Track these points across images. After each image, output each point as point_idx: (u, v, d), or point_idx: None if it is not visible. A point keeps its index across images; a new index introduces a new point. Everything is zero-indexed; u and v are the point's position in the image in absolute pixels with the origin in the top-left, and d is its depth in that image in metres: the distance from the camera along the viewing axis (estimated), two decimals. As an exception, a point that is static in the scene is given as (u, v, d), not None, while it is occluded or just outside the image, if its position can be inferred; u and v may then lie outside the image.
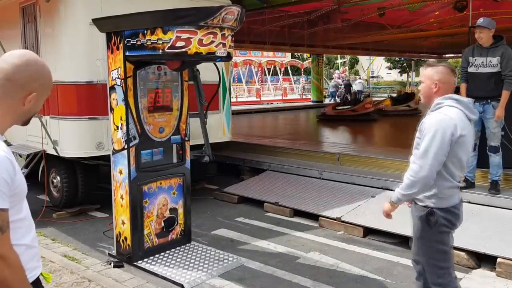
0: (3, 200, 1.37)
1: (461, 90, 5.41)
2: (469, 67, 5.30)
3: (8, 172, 1.39)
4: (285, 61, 33.37)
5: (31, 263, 1.56)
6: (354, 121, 14.40)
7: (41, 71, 1.52)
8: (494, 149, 5.17)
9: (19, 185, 1.47)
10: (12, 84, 1.47)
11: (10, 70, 1.47)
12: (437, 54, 30.35)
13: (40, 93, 1.53)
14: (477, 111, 5.22)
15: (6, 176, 1.39)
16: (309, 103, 25.14)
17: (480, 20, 5.16)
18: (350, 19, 16.60)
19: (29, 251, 1.55)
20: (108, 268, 4.20)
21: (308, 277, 4.09)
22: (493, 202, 5.14)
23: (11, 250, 1.40)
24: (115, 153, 4.33)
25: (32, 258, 1.57)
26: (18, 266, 1.42)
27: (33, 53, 1.56)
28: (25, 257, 1.50)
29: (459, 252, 4.32)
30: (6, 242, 1.38)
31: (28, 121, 1.61)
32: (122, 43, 4.00)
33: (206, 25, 3.71)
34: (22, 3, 6.31)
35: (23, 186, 1.51)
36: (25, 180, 1.54)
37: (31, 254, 1.56)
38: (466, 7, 12.16)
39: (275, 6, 10.86)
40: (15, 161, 1.46)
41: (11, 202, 1.42)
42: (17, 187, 1.45)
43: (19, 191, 1.47)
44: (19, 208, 1.51)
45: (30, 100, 1.51)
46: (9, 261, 1.38)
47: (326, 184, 6.57)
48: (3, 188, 1.37)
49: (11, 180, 1.41)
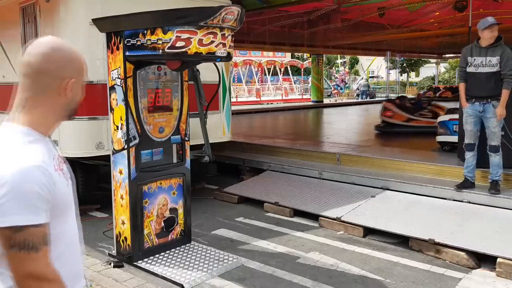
0: (35, 215, 1.22)
1: (460, 90, 5.44)
2: (468, 67, 5.29)
3: (41, 183, 1.24)
4: (285, 61, 33.36)
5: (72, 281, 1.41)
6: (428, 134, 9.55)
7: (70, 55, 1.39)
8: (494, 148, 5.17)
9: (60, 196, 1.32)
10: (46, 76, 1.33)
11: (39, 62, 1.32)
12: (437, 54, 30.35)
13: (77, 78, 1.40)
14: (477, 110, 5.25)
15: (39, 188, 1.23)
16: (309, 103, 25.16)
17: (489, 19, 5.13)
18: (350, 19, 16.60)
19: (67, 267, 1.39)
20: (108, 268, 4.20)
21: (308, 277, 4.09)
22: (493, 202, 5.14)
23: (49, 268, 1.26)
24: (115, 153, 4.33)
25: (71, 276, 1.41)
26: (58, 283, 1.28)
27: (55, 37, 1.41)
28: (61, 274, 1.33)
29: (459, 252, 4.33)
30: (40, 260, 1.23)
31: (74, 113, 1.46)
32: (122, 43, 4.00)
33: (206, 25, 3.71)
34: (22, 3, 6.30)
35: (66, 197, 1.37)
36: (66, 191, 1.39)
37: (69, 271, 1.40)
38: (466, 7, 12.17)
39: (275, 6, 10.85)
40: (52, 170, 1.30)
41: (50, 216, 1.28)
42: (56, 199, 1.29)
43: (59, 203, 1.31)
44: (61, 222, 1.36)
45: (70, 87, 1.38)
46: (46, 279, 1.25)
47: (326, 184, 6.57)
48: (36, 202, 1.22)
49: (47, 192, 1.25)
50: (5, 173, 1.21)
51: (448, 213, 5.13)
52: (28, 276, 1.23)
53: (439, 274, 4.13)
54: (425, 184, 5.75)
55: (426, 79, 42.13)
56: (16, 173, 1.21)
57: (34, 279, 1.23)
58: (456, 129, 7.19)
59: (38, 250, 1.22)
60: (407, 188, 5.87)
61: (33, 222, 1.21)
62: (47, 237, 1.25)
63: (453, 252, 4.37)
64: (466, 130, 5.38)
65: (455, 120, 7.19)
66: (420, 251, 4.62)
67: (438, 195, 5.56)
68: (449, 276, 4.07)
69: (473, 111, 5.28)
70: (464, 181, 5.41)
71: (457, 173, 5.74)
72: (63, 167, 1.42)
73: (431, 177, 6.07)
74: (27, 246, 1.21)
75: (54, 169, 1.32)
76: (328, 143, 9.72)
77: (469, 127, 5.32)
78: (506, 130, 5.45)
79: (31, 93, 1.35)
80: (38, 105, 1.36)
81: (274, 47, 20.25)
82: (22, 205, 1.20)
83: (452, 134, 7.50)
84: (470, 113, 5.29)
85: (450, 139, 7.53)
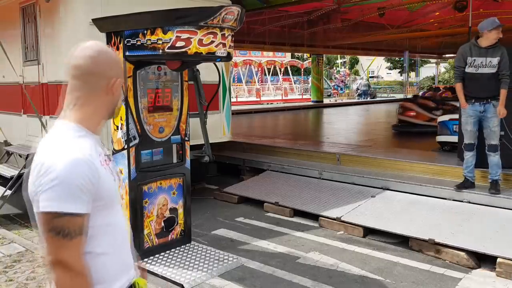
0: (76, 204, 1.31)
1: (457, 90, 5.38)
2: (468, 67, 5.26)
3: (85, 175, 1.33)
4: (285, 61, 33.37)
5: (116, 274, 1.47)
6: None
7: (114, 57, 1.52)
8: (494, 148, 5.17)
9: (105, 190, 1.40)
10: (95, 76, 1.45)
11: (88, 64, 1.44)
12: (437, 54, 30.35)
13: (121, 78, 1.52)
14: (478, 111, 5.24)
15: (82, 179, 1.32)
16: (309, 103, 25.17)
17: (496, 20, 5.12)
18: (350, 19, 16.61)
19: (113, 260, 1.46)
20: (108, 268, 4.20)
21: (308, 277, 4.09)
22: (493, 202, 5.14)
23: (78, 260, 1.32)
24: (115, 153, 4.33)
25: (117, 268, 1.48)
26: (83, 277, 1.33)
27: (97, 42, 1.54)
28: (107, 267, 1.43)
29: (459, 252, 4.33)
30: (73, 249, 1.31)
31: (115, 112, 1.57)
32: (122, 43, 4.00)
33: (206, 25, 3.71)
34: (22, 3, 6.31)
35: (111, 192, 1.45)
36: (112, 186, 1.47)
37: (116, 264, 1.48)
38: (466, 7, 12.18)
39: (275, 6, 10.85)
40: (98, 164, 1.40)
41: (95, 206, 1.37)
42: (101, 191, 1.38)
43: (104, 195, 1.40)
44: (107, 214, 1.44)
45: (116, 86, 1.50)
46: (73, 270, 1.31)
47: (326, 184, 6.58)
48: (78, 192, 1.31)
49: (90, 184, 1.34)
50: (55, 163, 1.31)
51: (448, 213, 5.13)
52: (58, 262, 1.30)
53: (439, 274, 4.13)
54: (425, 184, 5.75)
55: (426, 79, 42.14)
56: (65, 164, 1.31)
57: (63, 267, 1.30)
58: (456, 129, 7.19)
59: (72, 238, 1.30)
60: (407, 188, 5.87)
61: (73, 211, 1.30)
62: (83, 227, 1.33)
63: (453, 252, 4.37)
64: (466, 130, 5.37)
65: (455, 120, 7.19)
66: (420, 251, 4.63)
67: (438, 195, 5.56)
68: (449, 276, 4.07)
69: (474, 112, 5.27)
70: (464, 181, 5.41)
71: (457, 173, 5.74)
72: (110, 163, 1.52)
73: (431, 177, 6.08)
74: (63, 232, 1.29)
75: (100, 163, 1.42)
76: (328, 143, 9.72)
77: (469, 127, 5.31)
78: (506, 130, 5.45)
79: (81, 93, 1.46)
80: (87, 103, 1.47)
81: (274, 47, 20.26)
82: (65, 194, 1.30)
83: (452, 134, 7.50)
84: (471, 114, 5.28)
85: (450, 139, 7.53)
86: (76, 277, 1.32)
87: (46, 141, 1.42)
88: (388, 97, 33.65)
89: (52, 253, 1.31)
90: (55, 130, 1.45)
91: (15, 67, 6.13)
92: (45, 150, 1.38)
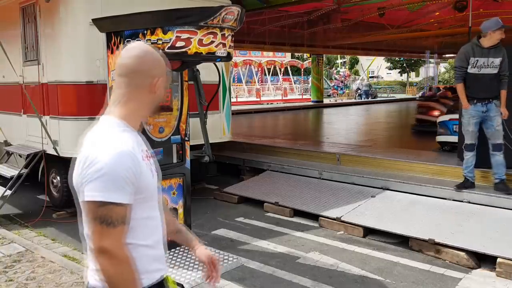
0: (119, 195, 1.37)
1: (459, 91, 5.34)
2: (470, 68, 5.20)
3: (128, 167, 1.39)
4: (285, 61, 33.38)
5: (153, 265, 1.53)
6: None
7: (158, 57, 1.56)
8: (499, 147, 5.15)
9: (145, 184, 1.47)
10: (141, 74, 1.52)
11: (136, 63, 1.51)
12: (437, 54, 30.35)
13: (163, 78, 1.57)
14: (480, 111, 5.20)
15: (126, 171, 1.38)
16: (309, 103, 25.17)
17: (499, 21, 5.08)
18: (350, 19, 16.61)
19: (150, 252, 1.52)
20: (108, 268, 4.19)
21: (308, 277, 4.09)
22: (493, 202, 5.14)
23: (121, 247, 1.38)
24: (115, 153, 4.32)
25: (154, 260, 1.54)
26: (126, 265, 1.39)
27: (143, 43, 1.63)
28: (145, 258, 1.48)
29: (459, 252, 4.33)
30: (116, 237, 1.37)
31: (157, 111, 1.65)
32: (122, 43, 4.00)
33: (206, 25, 3.71)
34: (22, 3, 6.31)
35: (150, 186, 1.51)
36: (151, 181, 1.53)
37: (153, 256, 1.54)
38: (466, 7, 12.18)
39: (275, 6, 10.85)
40: (140, 158, 1.47)
41: (136, 199, 1.43)
42: (142, 184, 1.44)
43: (144, 189, 1.46)
44: (146, 208, 1.50)
45: (159, 85, 1.55)
46: (116, 258, 1.36)
47: (326, 184, 6.57)
48: (122, 183, 1.37)
49: (133, 176, 1.40)
50: (100, 156, 1.38)
51: (448, 213, 5.13)
52: (102, 250, 1.36)
53: (439, 274, 4.13)
54: (425, 184, 5.75)
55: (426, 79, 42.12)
56: (110, 156, 1.38)
57: (106, 254, 1.36)
58: (456, 129, 7.19)
59: (115, 227, 1.36)
60: (407, 188, 5.87)
61: (116, 201, 1.37)
62: (126, 217, 1.39)
63: (453, 252, 4.37)
64: (467, 131, 5.32)
65: (455, 120, 7.19)
66: (420, 251, 4.62)
67: (438, 195, 5.56)
68: (449, 276, 4.07)
69: (476, 112, 5.23)
70: (464, 181, 5.40)
71: (457, 173, 5.73)
72: (150, 159, 1.58)
73: (431, 177, 6.08)
74: (106, 221, 1.36)
75: (141, 158, 1.48)
76: (328, 143, 9.72)
77: (471, 128, 5.27)
78: (507, 130, 5.44)
79: (126, 90, 1.53)
80: (131, 100, 1.53)
81: (274, 47, 20.26)
82: (110, 184, 1.36)
83: (452, 134, 7.50)
84: (473, 114, 5.24)
85: (450, 139, 7.53)
86: (119, 265, 1.37)
87: (91, 135, 1.49)
88: (388, 97, 33.68)
89: (96, 241, 1.37)
90: (100, 125, 1.52)
91: (15, 67, 6.13)
92: (90, 143, 1.45)
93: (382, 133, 12.08)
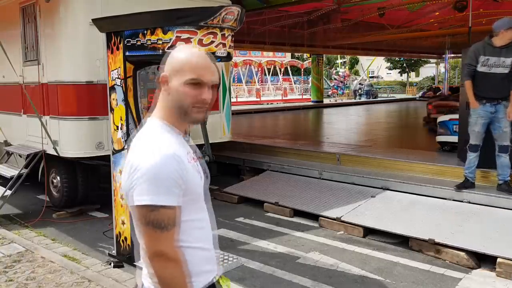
0: (168, 197, 1.36)
1: (467, 87, 5.23)
2: (480, 66, 5.12)
3: (174, 169, 1.38)
4: (285, 61, 33.37)
5: (205, 267, 1.52)
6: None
7: (174, 57, 1.49)
8: (505, 148, 5.10)
9: (192, 186, 1.45)
10: (161, 76, 1.49)
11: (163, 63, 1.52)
12: (437, 54, 30.34)
13: (176, 77, 1.46)
14: (489, 112, 5.15)
15: (172, 173, 1.37)
16: (309, 103, 25.17)
17: (511, 20, 5.02)
18: (350, 19, 16.60)
19: (202, 254, 1.51)
20: (108, 268, 4.20)
21: (308, 277, 4.09)
22: (493, 202, 5.14)
23: (175, 250, 1.38)
24: (115, 153, 4.33)
25: (206, 262, 1.53)
26: (180, 268, 1.38)
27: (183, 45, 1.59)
28: (197, 260, 1.47)
29: (459, 252, 4.33)
30: (169, 240, 1.36)
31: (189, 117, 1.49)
32: (122, 43, 4.00)
33: (206, 25, 3.71)
34: (22, 3, 6.31)
35: (198, 188, 1.50)
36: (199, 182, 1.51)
37: (204, 257, 1.52)
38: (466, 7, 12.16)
39: (275, 6, 10.85)
40: (186, 161, 1.44)
41: (184, 201, 1.41)
42: (188, 186, 1.43)
43: (191, 191, 1.45)
44: (194, 209, 1.49)
45: (174, 87, 1.47)
46: (170, 261, 1.36)
47: (326, 184, 6.57)
48: (169, 185, 1.36)
49: (179, 178, 1.39)
50: (145, 159, 1.37)
51: (448, 213, 5.13)
52: (157, 253, 1.36)
53: (439, 274, 4.13)
54: (425, 184, 5.75)
55: (426, 79, 42.13)
56: (155, 159, 1.36)
57: (161, 257, 1.36)
58: (456, 129, 7.19)
59: (168, 230, 1.36)
60: (407, 188, 5.87)
61: (166, 203, 1.36)
62: (176, 219, 1.39)
63: (453, 252, 4.37)
64: (473, 131, 5.23)
65: (455, 120, 7.19)
66: (420, 251, 4.62)
67: (438, 195, 5.56)
68: (449, 276, 4.07)
69: (485, 113, 5.14)
70: (465, 181, 5.39)
71: (457, 173, 5.73)
72: (197, 161, 1.56)
73: (431, 177, 6.07)
74: (159, 225, 1.35)
75: (187, 160, 1.46)
76: (328, 143, 9.72)
77: (478, 128, 5.19)
78: None
79: (157, 92, 1.53)
80: (160, 101, 1.51)
81: (274, 47, 20.25)
82: (157, 187, 1.35)
83: (452, 134, 7.49)
84: (482, 115, 5.15)
85: (450, 139, 7.53)
86: (175, 267, 1.37)
87: (137, 138, 1.48)
88: (388, 97, 33.68)
89: (151, 246, 1.37)
90: (145, 127, 1.50)
91: (15, 67, 6.13)
92: (135, 147, 1.44)
93: (382, 133, 12.08)
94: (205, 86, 1.46)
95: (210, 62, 1.50)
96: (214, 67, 1.51)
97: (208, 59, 1.50)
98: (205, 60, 1.49)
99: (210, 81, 1.47)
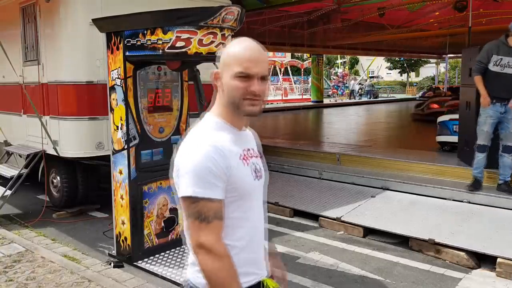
0: (210, 190, 1.36)
1: (477, 82, 5.18)
2: (493, 66, 5.09)
3: (216, 163, 1.37)
4: (285, 61, 33.35)
5: (245, 268, 1.45)
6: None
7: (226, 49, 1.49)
8: (509, 149, 5.10)
9: (240, 183, 1.43)
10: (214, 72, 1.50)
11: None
12: (437, 54, 30.35)
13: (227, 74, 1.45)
14: (499, 112, 5.12)
15: (214, 167, 1.37)
16: (309, 103, 25.17)
17: None
18: (350, 19, 16.61)
19: (243, 254, 1.46)
20: (108, 268, 4.20)
21: (308, 277, 4.09)
22: (493, 202, 5.14)
23: (218, 243, 1.36)
24: (115, 153, 4.33)
25: (247, 263, 1.48)
26: (225, 260, 1.36)
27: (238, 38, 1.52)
28: (236, 259, 1.40)
29: (459, 252, 4.33)
30: (212, 232, 1.36)
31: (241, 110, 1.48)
32: (122, 43, 4.00)
33: (206, 25, 3.71)
34: (22, 3, 6.30)
35: (247, 186, 1.47)
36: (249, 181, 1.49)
37: (246, 259, 1.47)
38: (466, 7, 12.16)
39: (275, 6, 10.85)
40: (235, 156, 1.44)
41: (228, 197, 1.40)
42: (234, 182, 1.41)
43: (237, 187, 1.43)
44: (240, 207, 1.46)
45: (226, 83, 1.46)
46: (213, 253, 1.35)
47: (326, 184, 6.58)
48: (211, 179, 1.36)
49: (222, 172, 1.38)
50: (190, 153, 1.40)
51: (448, 213, 5.13)
52: (199, 245, 1.36)
53: (439, 274, 4.13)
54: (425, 184, 5.76)
55: (426, 79, 42.11)
56: (198, 153, 1.38)
57: (204, 249, 1.36)
58: (456, 129, 7.19)
59: (209, 222, 1.36)
60: (407, 188, 5.87)
61: (207, 196, 1.36)
62: (219, 212, 1.38)
63: (453, 252, 4.37)
64: (482, 131, 5.20)
65: (455, 120, 7.19)
66: (420, 251, 4.62)
67: (438, 195, 5.56)
68: (449, 276, 4.07)
69: (495, 112, 5.12)
70: (474, 182, 5.35)
71: (457, 173, 5.74)
72: (255, 160, 1.55)
73: (431, 177, 6.08)
74: (201, 217, 1.36)
75: (238, 157, 1.46)
76: (328, 143, 9.73)
77: (487, 128, 5.16)
78: None
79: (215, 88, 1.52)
80: (216, 97, 1.52)
81: (274, 47, 20.24)
82: (199, 180, 1.36)
83: (452, 134, 7.50)
84: (491, 114, 5.13)
85: (450, 139, 7.53)
86: (218, 260, 1.35)
87: (190, 132, 1.49)
88: (388, 97, 33.68)
89: (194, 237, 1.38)
90: (200, 122, 1.51)
91: (15, 67, 6.13)
92: (185, 140, 1.47)
93: (382, 133, 12.08)
94: (253, 78, 1.44)
95: (258, 54, 1.47)
96: (262, 59, 1.48)
97: (255, 51, 1.47)
98: (252, 52, 1.46)
99: (257, 73, 1.45)
